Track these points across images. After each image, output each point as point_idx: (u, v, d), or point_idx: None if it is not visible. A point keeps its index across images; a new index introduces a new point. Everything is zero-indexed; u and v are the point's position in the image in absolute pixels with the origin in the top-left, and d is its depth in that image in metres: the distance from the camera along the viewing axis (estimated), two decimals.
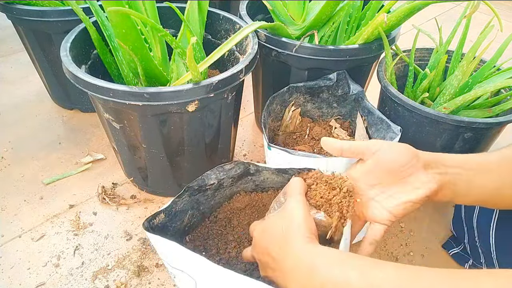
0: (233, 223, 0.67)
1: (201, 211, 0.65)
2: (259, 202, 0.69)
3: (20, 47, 1.26)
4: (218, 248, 0.64)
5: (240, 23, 0.84)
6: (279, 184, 0.67)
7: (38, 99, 1.16)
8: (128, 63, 0.70)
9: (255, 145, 1.04)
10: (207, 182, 0.61)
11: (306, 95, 0.85)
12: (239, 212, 0.68)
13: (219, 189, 0.64)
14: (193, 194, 0.61)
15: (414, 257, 0.78)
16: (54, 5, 0.92)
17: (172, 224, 0.59)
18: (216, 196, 0.65)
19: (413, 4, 0.71)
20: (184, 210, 0.61)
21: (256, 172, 0.64)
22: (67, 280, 0.71)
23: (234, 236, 0.65)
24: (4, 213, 0.83)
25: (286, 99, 0.84)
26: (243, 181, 0.66)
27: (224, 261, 0.62)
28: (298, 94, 0.84)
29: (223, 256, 0.63)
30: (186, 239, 0.64)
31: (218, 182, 0.62)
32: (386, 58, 0.82)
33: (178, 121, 0.69)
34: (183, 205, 0.60)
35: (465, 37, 0.80)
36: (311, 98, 0.85)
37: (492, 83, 0.77)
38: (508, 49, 0.79)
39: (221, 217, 0.67)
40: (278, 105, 0.83)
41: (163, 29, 0.66)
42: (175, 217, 0.60)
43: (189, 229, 0.64)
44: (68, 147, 1.00)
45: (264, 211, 0.68)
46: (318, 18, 0.80)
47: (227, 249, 0.64)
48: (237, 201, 0.68)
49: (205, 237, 0.65)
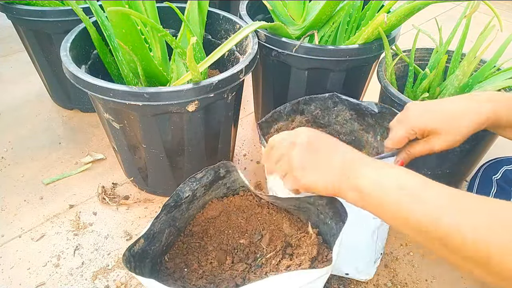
0: (210, 232, 0.65)
1: (177, 227, 0.63)
2: (232, 206, 0.68)
3: (20, 47, 1.26)
4: (199, 261, 0.62)
5: (240, 23, 0.84)
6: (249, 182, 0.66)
7: (38, 99, 1.16)
8: (128, 63, 0.70)
9: (255, 145, 1.04)
10: (182, 196, 0.59)
11: (352, 111, 0.76)
12: (214, 221, 0.67)
13: (193, 201, 0.62)
14: (170, 211, 0.59)
15: (414, 257, 0.78)
16: (54, 5, 0.92)
17: (151, 247, 0.57)
18: (190, 209, 0.63)
19: (413, 4, 0.71)
20: (161, 230, 0.58)
21: (226, 174, 0.63)
22: (67, 280, 0.71)
23: (214, 246, 0.64)
24: (4, 213, 0.83)
25: (329, 107, 0.77)
26: (214, 187, 0.65)
27: (207, 273, 0.60)
28: (343, 107, 0.77)
29: (206, 268, 0.61)
30: (165, 258, 0.61)
31: (193, 193, 0.61)
32: (386, 58, 0.82)
33: (178, 121, 0.69)
34: (160, 225, 0.58)
35: (465, 37, 0.80)
36: (357, 117, 0.76)
37: (492, 83, 0.77)
38: (508, 49, 0.79)
39: (196, 230, 0.65)
40: (318, 109, 0.77)
41: (163, 29, 0.66)
42: (154, 239, 0.57)
43: (167, 248, 0.62)
44: (68, 147, 1.00)
45: (238, 213, 0.67)
46: (318, 18, 0.80)
47: (209, 260, 0.62)
48: (210, 210, 0.67)
49: (184, 252, 0.63)
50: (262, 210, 0.67)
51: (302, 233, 0.61)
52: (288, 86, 0.88)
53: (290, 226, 0.63)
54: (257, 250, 0.63)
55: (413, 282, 0.74)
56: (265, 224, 0.65)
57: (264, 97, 0.99)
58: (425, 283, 0.73)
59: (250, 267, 0.61)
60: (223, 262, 0.62)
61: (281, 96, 0.92)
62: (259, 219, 0.66)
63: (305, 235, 0.61)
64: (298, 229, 0.63)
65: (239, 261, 0.62)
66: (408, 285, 0.73)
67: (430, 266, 0.76)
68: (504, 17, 1.80)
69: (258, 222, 0.66)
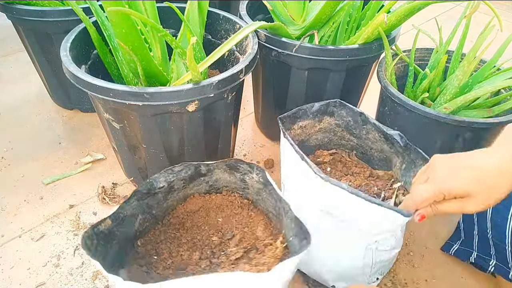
0: (187, 225, 0.66)
1: (154, 215, 0.63)
2: (212, 203, 0.69)
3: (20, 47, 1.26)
4: (171, 251, 0.63)
5: (240, 23, 0.84)
6: (232, 184, 0.66)
7: (38, 99, 1.16)
8: (128, 63, 0.70)
9: (255, 145, 1.04)
10: (156, 185, 0.60)
11: (380, 133, 0.72)
12: (193, 215, 0.68)
13: (170, 192, 0.63)
14: (142, 198, 0.59)
15: (414, 257, 0.78)
16: (54, 5, 0.92)
17: (120, 229, 0.58)
18: (168, 199, 0.64)
19: (413, 4, 0.71)
20: (134, 214, 0.59)
21: (208, 172, 0.64)
22: (67, 280, 0.71)
23: (187, 239, 0.65)
24: (4, 213, 0.83)
25: (359, 123, 0.74)
26: (195, 182, 0.65)
27: (175, 265, 0.61)
28: (372, 127, 0.73)
29: (175, 260, 0.62)
30: (138, 243, 0.62)
31: (168, 185, 0.61)
32: (386, 58, 0.82)
33: (178, 121, 0.69)
34: (132, 210, 0.59)
35: (465, 37, 0.80)
36: (385, 140, 0.73)
37: (492, 83, 0.77)
38: (508, 49, 0.79)
39: (174, 221, 0.66)
40: (350, 118, 0.75)
41: (163, 29, 0.66)
42: (123, 222, 0.58)
43: (141, 234, 0.63)
44: (68, 147, 1.00)
45: (218, 212, 0.68)
46: (318, 18, 0.80)
47: (180, 252, 0.63)
48: (190, 204, 0.68)
49: (157, 241, 0.64)
50: (242, 211, 0.67)
51: (271, 241, 0.61)
52: (288, 86, 0.89)
53: (263, 231, 0.63)
54: (225, 249, 0.63)
55: (413, 282, 0.74)
56: (240, 225, 0.66)
57: (264, 97, 0.99)
58: (425, 283, 0.74)
59: (212, 265, 0.61)
60: (192, 257, 0.62)
61: (281, 96, 0.92)
62: (236, 220, 0.67)
63: (272, 243, 0.60)
64: (271, 236, 0.63)
65: (205, 258, 0.62)
66: (408, 285, 0.73)
67: (430, 266, 0.77)
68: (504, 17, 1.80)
69: (234, 222, 0.66)
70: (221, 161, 0.62)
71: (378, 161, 0.76)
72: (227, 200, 0.69)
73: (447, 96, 0.79)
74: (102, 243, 0.54)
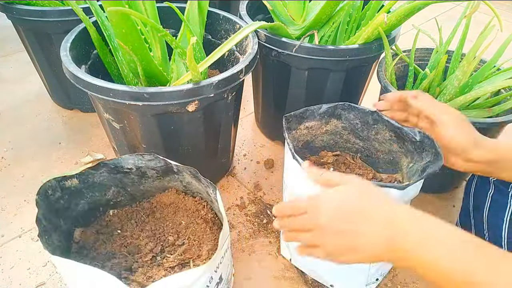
0: (156, 215, 0.70)
1: (129, 192, 0.69)
2: (183, 204, 0.70)
3: (20, 47, 1.26)
4: (133, 232, 0.67)
5: (240, 23, 0.84)
6: (203, 192, 0.66)
7: (38, 99, 1.16)
8: (128, 63, 0.70)
9: (255, 145, 1.04)
10: (123, 164, 0.63)
11: (392, 132, 0.70)
12: (164, 207, 0.71)
13: (144, 177, 0.66)
14: (113, 172, 0.64)
15: None
16: (54, 5, 0.92)
17: (90, 192, 0.64)
18: (143, 183, 0.68)
19: (413, 4, 0.71)
20: (105, 184, 0.65)
21: (179, 172, 0.65)
22: None
23: (151, 227, 0.68)
24: (4, 213, 0.83)
25: (369, 123, 0.72)
26: (171, 178, 0.67)
27: (130, 245, 0.65)
28: (383, 126, 0.71)
29: (132, 240, 0.65)
30: (110, 212, 0.69)
31: (137, 169, 0.64)
32: (386, 58, 0.82)
33: (178, 121, 0.69)
34: (102, 179, 0.64)
35: (465, 37, 0.80)
36: (397, 139, 0.71)
37: (492, 83, 0.77)
38: (508, 49, 0.79)
39: (147, 206, 0.71)
40: (358, 120, 0.73)
41: (163, 29, 0.66)
42: (94, 187, 0.64)
43: (115, 205, 0.69)
44: (68, 147, 1.00)
45: (184, 214, 0.69)
46: (318, 18, 0.80)
47: (140, 236, 0.66)
48: (166, 196, 0.71)
49: (128, 218, 0.69)
50: (201, 225, 0.68)
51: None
52: (288, 86, 0.89)
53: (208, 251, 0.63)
54: (173, 252, 0.64)
55: (413, 282, 0.74)
56: (193, 237, 0.66)
57: (264, 97, 0.99)
58: (425, 283, 0.73)
59: (154, 261, 0.63)
60: (146, 245, 0.64)
61: (281, 96, 0.92)
62: (194, 228, 0.67)
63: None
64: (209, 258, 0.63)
65: (155, 252, 0.64)
66: (408, 285, 0.73)
67: None
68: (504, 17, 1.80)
69: (191, 231, 0.67)
70: (186, 166, 0.61)
71: (383, 164, 0.75)
72: (195, 207, 0.70)
73: (447, 96, 0.79)
74: (67, 197, 0.60)
